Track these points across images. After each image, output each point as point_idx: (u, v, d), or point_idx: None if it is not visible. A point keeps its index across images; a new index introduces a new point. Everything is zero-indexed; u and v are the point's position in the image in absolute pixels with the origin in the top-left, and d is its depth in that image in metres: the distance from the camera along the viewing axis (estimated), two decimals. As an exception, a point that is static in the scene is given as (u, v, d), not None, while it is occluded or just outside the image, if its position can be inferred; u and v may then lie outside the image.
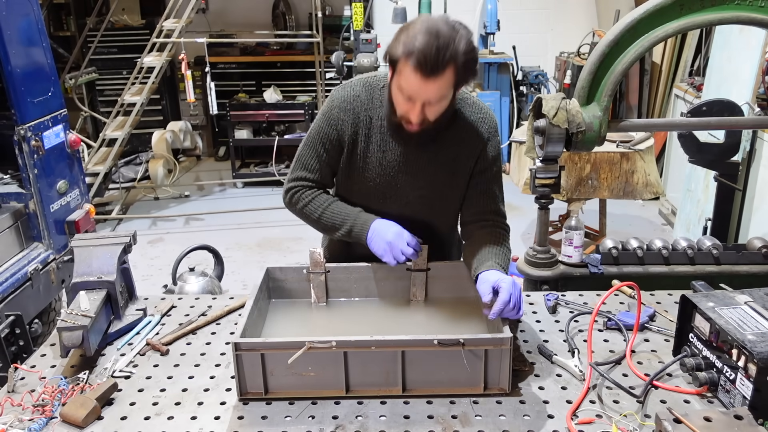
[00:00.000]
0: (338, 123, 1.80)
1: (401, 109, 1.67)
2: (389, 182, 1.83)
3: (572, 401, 1.45)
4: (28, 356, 1.76)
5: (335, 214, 1.83)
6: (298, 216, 1.91)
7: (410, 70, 1.56)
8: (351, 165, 1.85)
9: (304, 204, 1.86)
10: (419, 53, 1.53)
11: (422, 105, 1.62)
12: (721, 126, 2.77)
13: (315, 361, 1.45)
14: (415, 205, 1.86)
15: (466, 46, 1.58)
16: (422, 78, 1.55)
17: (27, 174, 2.94)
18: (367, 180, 1.84)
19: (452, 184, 1.85)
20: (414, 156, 1.80)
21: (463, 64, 1.57)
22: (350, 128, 1.80)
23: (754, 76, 3.66)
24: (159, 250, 5.13)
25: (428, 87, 1.58)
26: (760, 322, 1.41)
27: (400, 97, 1.65)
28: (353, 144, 1.82)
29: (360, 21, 5.83)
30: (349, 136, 1.81)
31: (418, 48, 1.53)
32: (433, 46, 1.53)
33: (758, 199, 3.51)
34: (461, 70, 1.58)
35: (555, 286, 2.28)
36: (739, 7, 1.98)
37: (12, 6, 2.83)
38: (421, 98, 1.61)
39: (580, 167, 3.91)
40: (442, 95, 1.62)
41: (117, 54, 7.25)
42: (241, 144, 6.79)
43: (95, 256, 1.82)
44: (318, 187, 1.88)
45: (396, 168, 1.82)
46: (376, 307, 1.85)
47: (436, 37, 1.53)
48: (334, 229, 1.84)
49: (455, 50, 1.55)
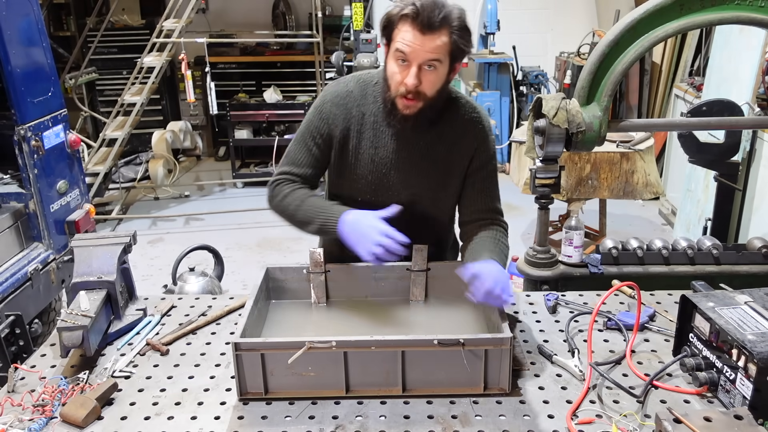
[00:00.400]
0: (330, 117, 1.81)
1: (397, 81, 1.67)
2: (381, 180, 1.82)
3: (572, 401, 1.45)
4: (28, 356, 1.76)
5: (310, 207, 1.76)
6: (276, 211, 1.84)
7: (407, 26, 1.60)
8: (342, 161, 1.84)
9: (283, 196, 1.80)
10: (416, 8, 1.58)
11: (418, 68, 1.63)
12: (721, 126, 2.77)
13: (315, 361, 1.45)
14: (407, 204, 1.83)
15: (460, 16, 1.64)
16: (419, 32, 1.59)
17: (27, 174, 2.94)
18: (359, 177, 1.83)
19: (445, 184, 1.85)
20: (406, 153, 1.80)
21: (457, 31, 1.62)
22: (342, 123, 1.80)
23: (754, 76, 3.66)
24: (159, 250, 5.13)
25: (424, 43, 1.60)
26: (760, 322, 1.41)
27: (395, 65, 1.66)
28: (345, 140, 1.82)
29: (360, 21, 5.83)
30: (340, 131, 1.81)
31: (415, 5, 1.58)
32: (431, 2, 1.59)
33: (758, 199, 3.51)
34: (456, 36, 1.62)
35: (555, 286, 2.28)
36: (739, 7, 1.98)
37: (12, 6, 2.83)
38: (418, 57, 1.62)
39: (580, 167, 3.91)
40: (438, 55, 1.62)
41: (117, 54, 7.25)
42: (241, 144, 6.79)
43: (95, 256, 1.82)
44: (302, 183, 1.84)
45: (388, 165, 1.81)
46: (376, 307, 1.85)
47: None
48: (308, 223, 1.76)
49: (450, 13, 1.61)
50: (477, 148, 1.82)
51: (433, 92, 1.68)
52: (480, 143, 1.82)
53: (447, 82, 1.72)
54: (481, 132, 1.83)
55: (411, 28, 1.59)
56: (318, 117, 1.82)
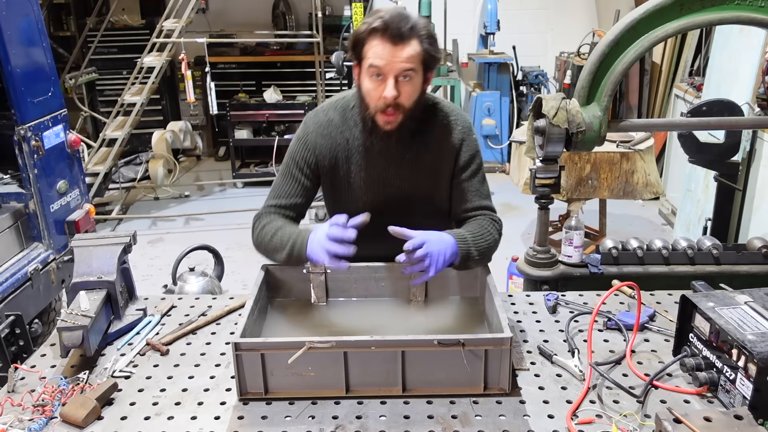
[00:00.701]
0: (316, 148, 1.84)
1: (374, 97, 1.69)
2: (376, 198, 1.86)
3: (572, 401, 1.45)
4: (28, 356, 1.76)
5: (284, 234, 1.74)
6: (255, 245, 1.81)
7: (377, 40, 1.63)
8: (335, 190, 1.89)
9: (261, 227, 1.79)
10: (385, 22, 1.62)
11: (395, 80, 1.65)
12: (721, 126, 2.77)
13: (315, 361, 1.45)
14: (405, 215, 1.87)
15: (426, 25, 1.69)
16: (391, 44, 1.62)
17: (27, 174, 2.94)
18: (356, 199, 1.87)
19: (438, 188, 1.88)
20: (395, 168, 1.83)
21: (426, 40, 1.66)
22: (329, 153, 1.84)
23: (754, 76, 3.66)
24: (159, 250, 5.13)
25: (397, 54, 1.63)
26: (760, 322, 1.41)
27: (370, 82, 1.68)
28: (334, 169, 1.85)
29: (360, 21, 5.82)
30: (328, 161, 1.84)
31: (383, 19, 1.62)
32: (397, 15, 1.64)
33: (758, 199, 3.51)
34: (426, 45, 1.66)
35: (555, 286, 2.28)
36: (739, 7, 1.98)
37: (12, 6, 2.83)
38: (393, 68, 1.64)
39: (580, 167, 3.92)
40: (412, 64, 1.65)
41: (117, 54, 7.25)
42: (241, 144, 6.79)
43: (95, 256, 1.82)
44: (290, 213, 1.84)
45: (381, 183, 1.85)
46: (376, 307, 1.85)
47: (398, 10, 1.66)
48: (281, 250, 1.73)
49: (417, 23, 1.66)
50: (459, 149, 1.84)
51: (411, 103, 1.70)
52: (461, 144, 1.84)
53: (423, 91, 1.74)
54: (461, 133, 1.84)
55: (381, 41, 1.63)
56: (304, 147, 1.84)
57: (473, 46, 7.10)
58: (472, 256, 1.71)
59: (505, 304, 1.93)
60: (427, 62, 1.69)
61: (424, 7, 6.06)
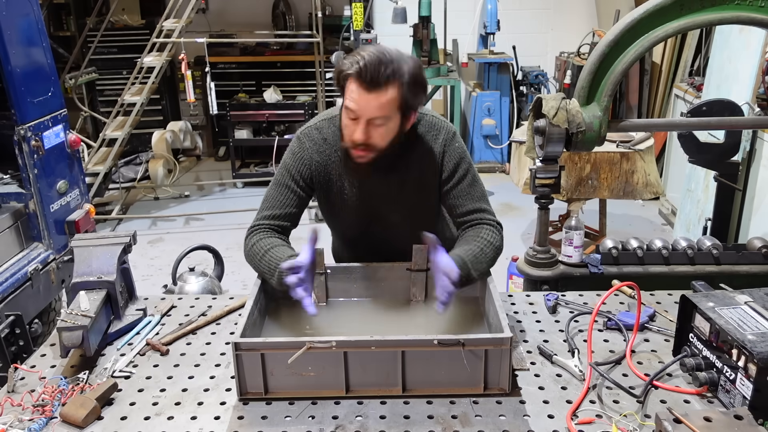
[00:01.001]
0: (311, 163, 1.85)
1: (348, 132, 1.71)
2: (370, 212, 1.89)
3: (572, 401, 1.45)
4: (28, 356, 1.76)
5: (272, 260, 1.71)
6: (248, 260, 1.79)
7: (354, 84, 1.62)
8: (330, 204, 1.91)
9: (252, 244, 1.78)
10: (362, 66, 1.60)
11: (366, 123, 1.65)
12: (721, 126, 2.77)
13: (315, 361, 1.45)
14: (400, 228, 1.91)
15: (413, 69, 1.64)
16: (365, 91, 1.61)
17: (27, 174, 2.94)
18: (351, 213, 1.90)
19: (429, 198, 1.90)
20: (385, 186, 1.85)
21: (408, 85, 1.63)
22: (324, 169, 1.86)
23: (754, 76, 3.66)
24: (159, 250, 5.13)
25: (370, 101, 1.62)
26: (760, 322, 1.41)
27: (346, 119, 1.69)
28: (328, 184, 1.87)
29: (360, 21, 5.83)
30: (323, 176, 1.86)
31: (362, 62, 1.60)
32: (376, 60, 1.60)
33: (758, 199, 3.51)
34: (406, 90, 1.63)
35: (555, 286, 2.28)
36: (739, 7, 1.98)
37: (12, 6, 2.82)
38: (365, 114, 1.64)
39: (580, 167, 3.91)
40: (386, 114, 1.65)
41: (117, 54, 7.24)
42: (241, 144, 6.79)
43: (95, 256, 1.82)
44: (278, 228, 1.83)
45: (373, 198, 1.87)
46: (376, 307, 1.85)
47: (381, 53, 1.62)
48: (271, 275, 1.70)
49: (399, 68, 1.62)
50: (441, 160, 1.84)
51: (385, 143, 1.71)
52: (443, 153, 1.84)
53: (400, 131, 1.73)
54: (442, 144, 1.84)
55: (357, 86, 1.62)
56: (299, 161, 1.85)
57: (473, 46, 7.10)
58: (472, 278, 1.70)
59: (505, 304, 1.93)
60: (405, 108, 1.67)
61: (424, 7, 6.06)
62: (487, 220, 1.84)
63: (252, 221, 1.86)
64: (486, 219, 1.84)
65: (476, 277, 1.71)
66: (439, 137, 1.84)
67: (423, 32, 6.18)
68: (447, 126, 1.87)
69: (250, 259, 1.78)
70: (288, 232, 1.87)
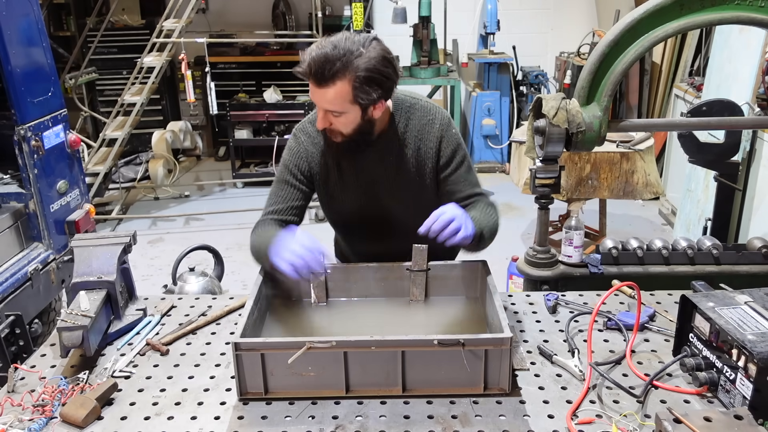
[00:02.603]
0: (308, 156, 1.89)
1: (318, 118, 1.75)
2: (370, 200, 1.90)
3: (572, 401, 1.45)
4: (28, 356, 1.76)
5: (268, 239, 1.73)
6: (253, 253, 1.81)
7: (309, 80, 1.65)
8: (330, 195, 1.94)
9: (257, 235, 1.80)
10: (309, 62, 1.62)
11: (324, 113, 1.70)
12: (721, 126, 2.77)
13: (315, 361, 1.45)
14: (398, 215, 1.92)
15: (369, 62, 1.62)
16: (315, 86, 1.65)
17: (27, 174, 2.94)
18: (351, 203, 1.92)
19: (424, 186, 1.91)
20: (382, 171, 1.88)
21: (361, 79, 1.62)
22: (321, 160, 1.88)
23: (754, 76, 3.66)
24: (159, 250, 5.13)
25: (320, 95, 1.66)
26: (760, 322, 1.41)
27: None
28: (327, 175, 1.90)
29: (360, 21, 5.83)
30: (321, 167, 1.89)
31: (308, 58, 1.62)
32: (322, 57, 1.60)
33: (758, 199, 3.51)
34: (358, 85, 1.63)
35: (555, 286, 2.28)
36: (739, 7, 1.98)
37: (12, 6, 2.82)
38: (320, 106, 1.69)
39: (580, 167, 3.91)
40: (337, 108, 1.67)
41: (117, 54, 7.24)
42: (241, 144, 6.79)
43: (95, 256, 1.82)
44: (284, 223, 1.86)
45: (372, 185, 1.89)
46: (376, 307, 1.85)
47: (332, 48, 1.61)
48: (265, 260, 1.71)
49: (348, 63, 1.61)
50: (438, 146, 1.87)
51: (349, 130, 1.74)
52: (440, 141, 1.87)
53: (366, 120, 1.74)
54: (438, 130, 1.87)
55: (310, 81, 1.66)
56: (297, 156, 1.89)
57: (473, 46, 7.10)
58: (484, 236, 1.75)
59: (505, 304, 1.93)
60: (360, 101, 1.67)
61: (424, 7, 6.07)
62: (486, 200, 1.90)
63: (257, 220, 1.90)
64: (485, 200, 1.90)
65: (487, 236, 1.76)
66: (435, 122, 1.87)
67: (423, 32, 6.19)
68: (442, 112, 1.91)
69: (255, 248, 1.79)
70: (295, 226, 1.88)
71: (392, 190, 1.90)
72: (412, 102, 1.89)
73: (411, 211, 1.88)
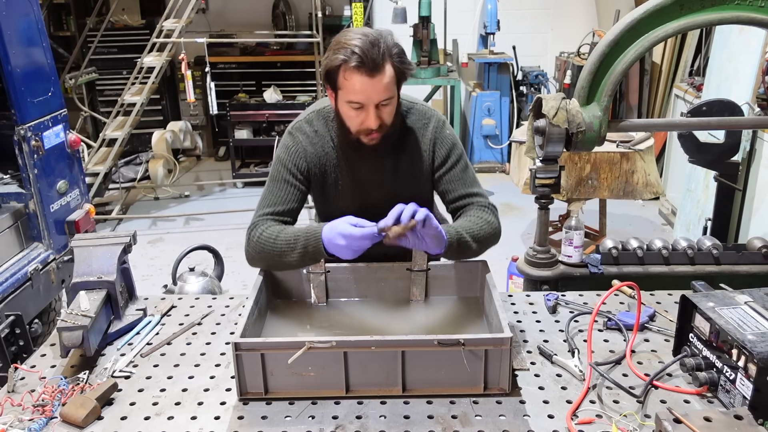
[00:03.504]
0: (306, 156, 1.87)
1: (356, 123, 1.72)
2: (365, 202, 1.90)
3: (572, 401, 1.45)
4: (28, 356, 1.76)
5: (288, 235, 1.70)
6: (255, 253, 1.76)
7: (356, 75, 1.63)
8: (326, 196, 1.93)
9: (258, 234, 1.74)
10: (359, 54, 1.61)
11: (375, 108, 1.68)
12: (721, 126, 2.77)
13: (315, 361, 1.45)
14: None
15: (392, 40, 1.69)
16: (368, 77, 1.63)
17: (27, 174, 2.94)
18: (346, 204, 1.90)
19: (419, 190, 1.91)
20: (377, 174, 1.88)
21: (397, 57, 1.67)
22: (318, 161, 1.87)
23: (754, 76, 3.66)
24: (159, 250, 5.13)
25: (375, 85, 1.64)
26: (760, 322, 1.41)
27: (351, 111, 1.70)
28: (323, 176, 1.89)
29: (360, 21, 5.84)
30: (318, 168, 1.88)
31: (355, 51, 1.61)
32: (367, 43, 1.61)
33: (758, 199, 3.51)
34: (398, 63, 1.67)
35: (555, 286, 2.28)
36: (739, 7, 1.98)
37: (12, 6, 2.82)
38: (373, 100, 1.67)
39: (580, 167, 3.91)
40: (390, 92, 1.68)
41: (117, 54, 7.25)
42: (241, 144, 6.79)
43: (95, 256, 1.82)
44: (281, 221, 1.82)
45: (367, 188, 1.89)
46: (376, 307, 1.85)
47: (366, 36, 1.63)
48: (290, 251, 1.68)
49: (386, 44, 1.65)
50: (433, 148, 1.88)
51: (392, 119, 1.75)
52: (434, 141, 1.88)
53: (399, 103, 1.78)
54: (433, 132, 1.87)
55: (359, 75, 1.63)
56: (294, 155, 1.86)
57: (473, 46, 7.10)
58: (464, 240, 1.70)
59: (505, 304, 1.93)
60: (401, 79, 1.71)
61: (424, 7, 6.06)
62: (480, 202, 1.86)
63: (251, 219, 1.83)
64: (479, 202, 1.86)
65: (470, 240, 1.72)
66: (430, 125, 1.88)
67: (423, 32, 6.19)
68: (437, 114, 1.91)
69: (261, 247, 1.73)
70: None
71: (388, 192, 1.89)
72: (408, 105, 1.89)
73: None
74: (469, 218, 1.81)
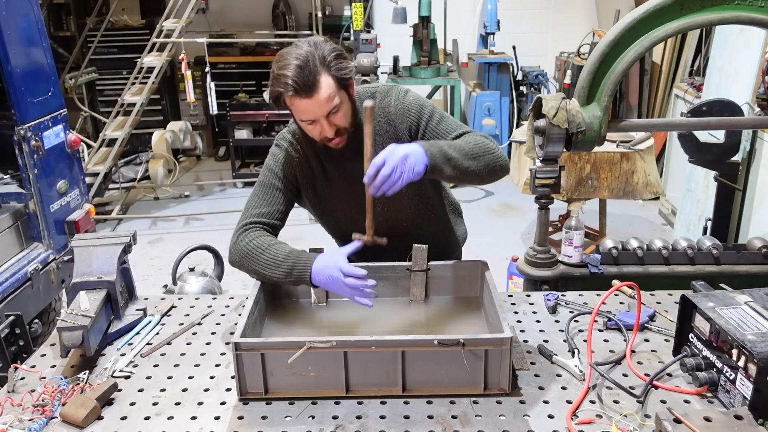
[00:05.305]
0: (292, 160, 1.89)
1: (316, 134, 1.76)
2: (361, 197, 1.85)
3: (572, 401, 1.45)
4: (28, 356, 1.76)
5: (278, 252, 1.74)
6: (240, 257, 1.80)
7: (296, 100, 1.66)
8: (320, 199, 1.94)
9: (248, 240, 1.78)
10: (291, 85, 1.62)
11: (325, 119, 1.70)
12: (721, 126, 2.77)
13: (315, 361, 1.45)
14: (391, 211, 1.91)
15: (325, 46, 1.69)
16: (307, 99, 1.65)
17: (27, 174, 2.94)
18: (342, 202, 1.91)
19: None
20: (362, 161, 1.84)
21: (333, 64, 1.67)
22: (306, 164, 1.89)
23: (754, 76, 3.66)
24: (159, 250, 5.13)
25: (314, 103, 1.66)
26: (760, 322, 1.41)
27: (307, 126, 1.74)
28: (313, 179, 1.91)
29: (360, 21, 5.84)
30: (306, 171, 1.90)
31: (288, 82, 1.62)
32: (297, 69, 1.62)
33: (758, 199, 3.51)
34: (335, 71, 1.67)
35: (555, 286, 2.28)
36: (739, 7, 1.98)
37: (12, 6, 2.83)
38: (320, 114, 1.69)
39: (580, 167, 3.91)
40: (334, 102, 1.69)
41: (117, 54, 7.26)
42: (241, 144, 6.79)
43: (95, 256, 1.82)
44: (268, 227, 1.85)
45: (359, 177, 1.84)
46: (376, 307, 1.84)
47: (297, 59, 1.64)
48: (276, 268, 1.72)
49: (317, 59, 1.65)
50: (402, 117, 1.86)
51: (349, 122, 1.77)
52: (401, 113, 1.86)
53: (352, 101, 1.78)
54: (396, 104, 1.86)
55: (298, 99, 1.65)
56: (284, 163, 1.89)
57: (473, 46, 7.10)
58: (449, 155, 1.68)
59: (505, 304, 1.93)
60: (344, 82, 1.71)
61: (424, 7, 6.07)
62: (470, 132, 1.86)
63: (239, 221, 1.86)
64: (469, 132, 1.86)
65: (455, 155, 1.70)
66: (391, 100, 1.87)
67: (423, 32, 6.19)
68: (397, 87, 1.91)
69: (247, 252, 1.77)
70: (277, 231, 1.88)
71: None
72: (371, 91, 1.89)
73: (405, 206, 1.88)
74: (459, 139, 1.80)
